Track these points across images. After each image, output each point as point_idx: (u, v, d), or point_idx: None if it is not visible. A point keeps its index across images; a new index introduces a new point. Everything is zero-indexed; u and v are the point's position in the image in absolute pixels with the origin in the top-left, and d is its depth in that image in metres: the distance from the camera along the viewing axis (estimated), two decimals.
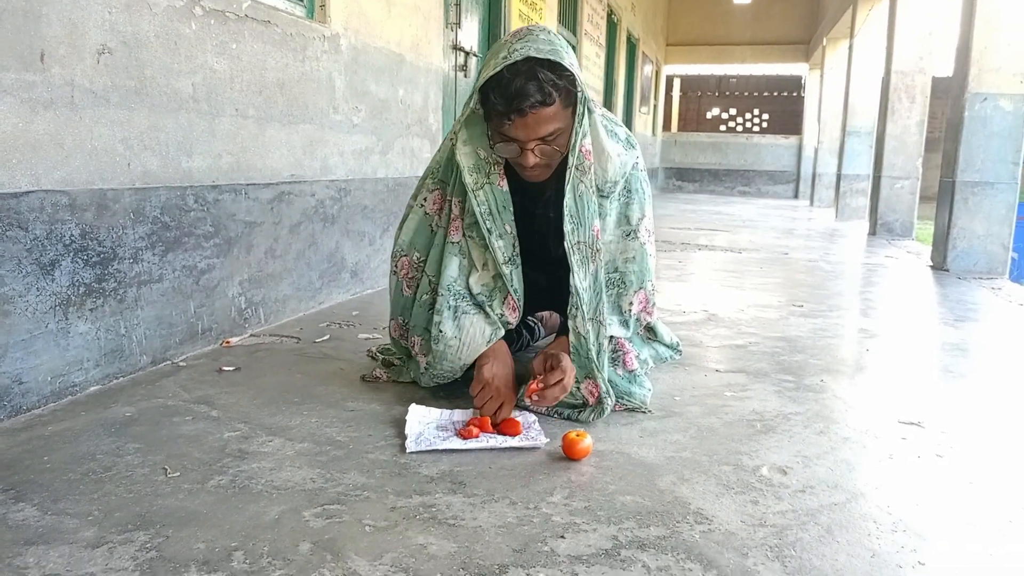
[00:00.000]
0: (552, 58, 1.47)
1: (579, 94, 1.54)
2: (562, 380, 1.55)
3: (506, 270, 1.66)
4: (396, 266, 1.81)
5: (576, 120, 1.56)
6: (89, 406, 1.61)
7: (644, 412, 1.68)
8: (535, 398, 1.54)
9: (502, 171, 1.65)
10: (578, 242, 1.61)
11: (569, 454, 1.40)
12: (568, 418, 1.62)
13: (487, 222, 1.64)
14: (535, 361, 1.61)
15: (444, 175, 1.75)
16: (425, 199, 1.77)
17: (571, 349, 1.62)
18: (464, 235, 1.70)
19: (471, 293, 1.68)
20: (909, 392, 1.93)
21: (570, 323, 1.62)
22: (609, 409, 1.63)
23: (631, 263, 1.75)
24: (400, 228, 1.80)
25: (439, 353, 1.67)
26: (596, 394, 1.62)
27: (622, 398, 1.68)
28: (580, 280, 1.61)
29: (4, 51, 1.45)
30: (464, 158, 1.64)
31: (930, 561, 1.09)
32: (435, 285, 1.71)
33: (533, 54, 1.46)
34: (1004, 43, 4.11)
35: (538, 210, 1.76)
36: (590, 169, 1.60)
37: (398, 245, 1.80)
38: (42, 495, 1.21)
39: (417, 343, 1.75)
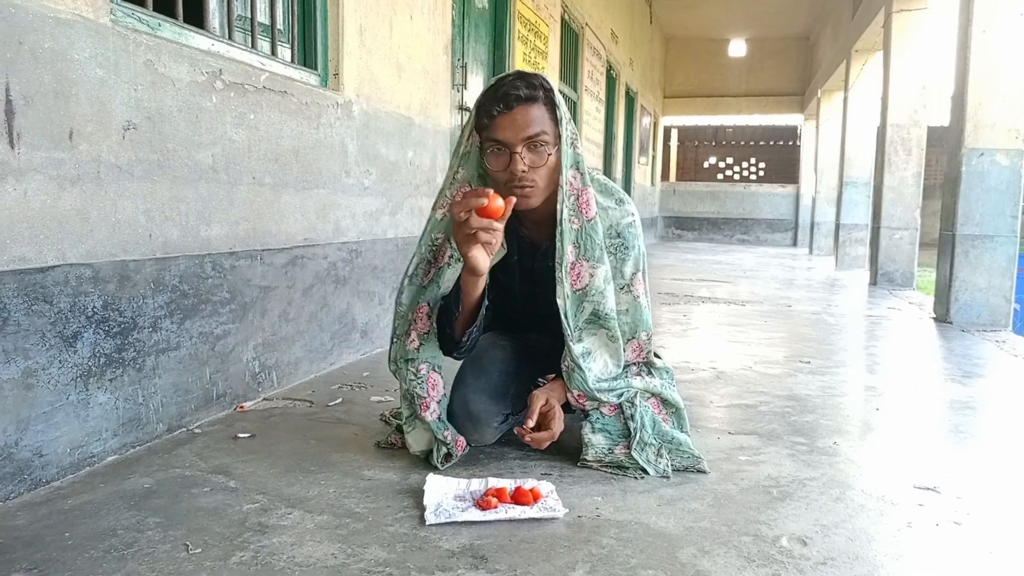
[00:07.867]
0: (539, 74, 1.67)
1: (560, 116, 1.65)
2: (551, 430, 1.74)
3: None
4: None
5: (562, 142, 1.66)
6: (107, 477, 1.62)
7: (699, 471, 1.75)
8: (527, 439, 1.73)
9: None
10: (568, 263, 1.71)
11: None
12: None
13: None
14: (533, 396, 1.75)
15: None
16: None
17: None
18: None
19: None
20: (921, 454, 1.93)
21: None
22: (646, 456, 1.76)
23: (623, 315, 1.81)
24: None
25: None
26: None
27: (678, 448, 1.78)
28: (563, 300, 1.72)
29: (35, 131, 1.50)
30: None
31: None
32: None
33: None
34: (999, 99, 4.20)
35: (537, 263, 1.82)
36: (581, 203, 1.71)
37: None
38: (66, 575, 1.21)
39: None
